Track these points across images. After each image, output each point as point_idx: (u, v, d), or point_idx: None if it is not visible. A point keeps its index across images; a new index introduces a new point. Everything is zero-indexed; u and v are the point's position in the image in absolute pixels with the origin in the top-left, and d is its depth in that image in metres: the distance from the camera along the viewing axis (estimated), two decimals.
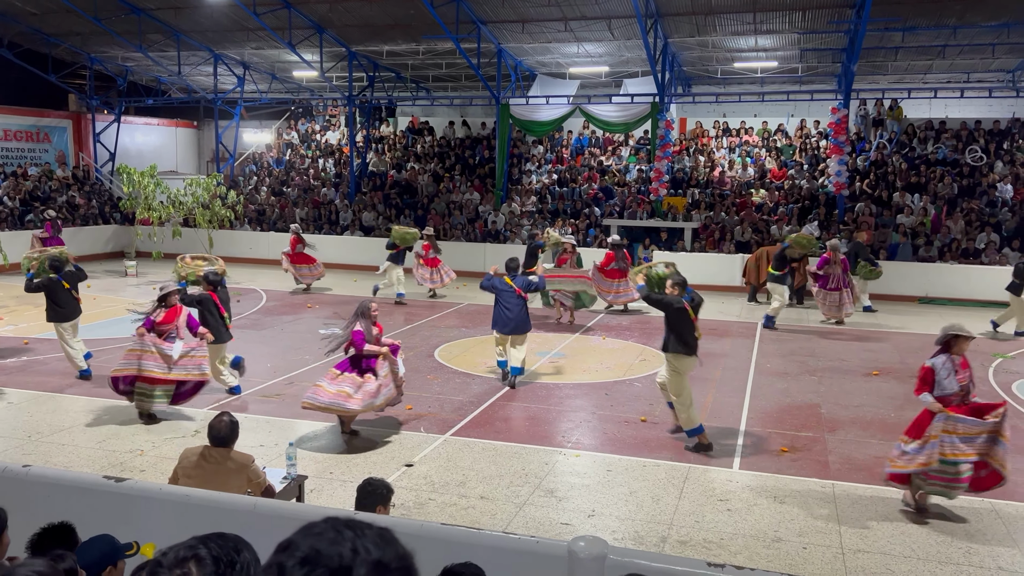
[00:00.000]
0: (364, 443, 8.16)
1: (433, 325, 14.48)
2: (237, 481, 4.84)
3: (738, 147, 24.19)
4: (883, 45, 20.34)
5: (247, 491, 4.85)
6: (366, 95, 26.40)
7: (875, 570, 5.70)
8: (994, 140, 21.96)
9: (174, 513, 4.18)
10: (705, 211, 21.26)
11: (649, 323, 15.30)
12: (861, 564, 5.78)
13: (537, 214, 22.44)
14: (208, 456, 4.92)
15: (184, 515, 4.16)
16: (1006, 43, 19.72)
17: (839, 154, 19.99)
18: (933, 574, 5.65)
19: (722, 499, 6.91)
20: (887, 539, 6.17)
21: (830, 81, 23.09)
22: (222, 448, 4.94)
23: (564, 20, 19.98)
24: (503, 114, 22.85)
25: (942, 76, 23.22)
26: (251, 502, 4.38)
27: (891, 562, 5.81)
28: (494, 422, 8.91)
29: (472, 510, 6.58)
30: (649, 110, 21.54)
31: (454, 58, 23.75)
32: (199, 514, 4.10)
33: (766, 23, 19.30)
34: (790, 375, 11.28)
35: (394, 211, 23.63)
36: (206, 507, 4.20)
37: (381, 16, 21.02)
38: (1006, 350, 13.09)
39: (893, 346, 13.36)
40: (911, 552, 5.97)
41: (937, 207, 19.91)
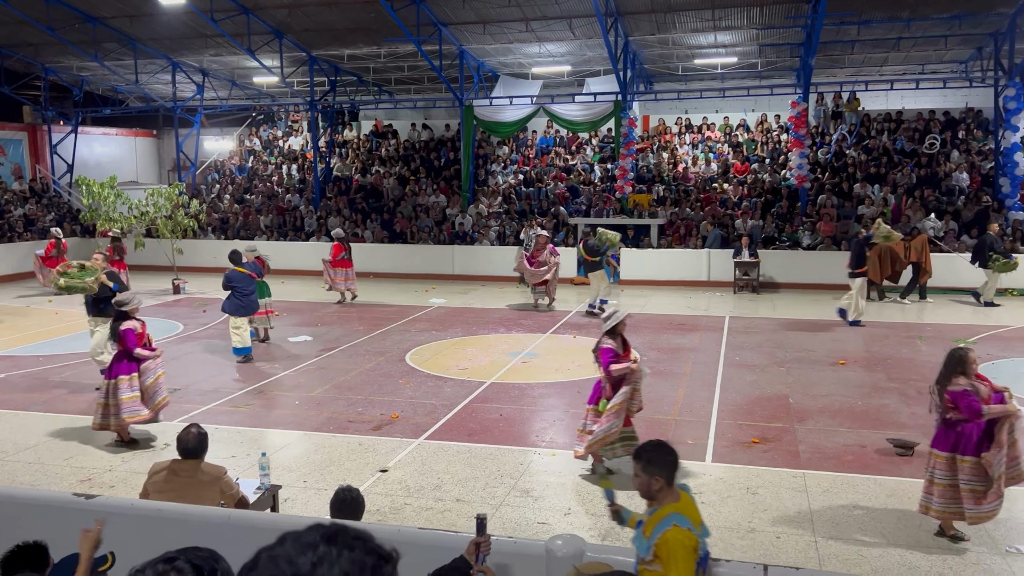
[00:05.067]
0: (339, 451, 8.11)
1: (404, 329, 14.43)
2: (209, 493, 4.79)
3: (701, 143, 24.43)
4: (839, 39, 20.67)
5: (220, 503, 4.81)
6: (328, 99, 26.23)
7: (847, 557, 5.80)
8: (949, 130, 22.42)
9: (147, 528, 4.13)
10: (670, 207, 21.44)
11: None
12: (834, 552, 5.87)
13: (504, 215, 22.46)
14: (178, 469, 4.86)
15: (157, 530, 4.12)
16: (958, 34, 20.15)
17: (800, 147, 20.27)
18: (903, 558, 5.75)
19: (696, 492, 6.93)
20: (858, 526, 6.28)
21: (789, 75, 23.40)
22: (192, 460, 4.88)
23: (525, 20, 20.03)
24: (467, 116, 22.84)
25: (898, 68, 23.64)
26: (225, 514, 4.35)
27: (863, 549, 5.91)
28: (468, 424, 8.91)
29: (449, 513, 6.57)
30: (612, 108, 21.68)
31: (416, 60, 23.69)
32: (172, 528, 4.06)
33: (725, 19, 19.51)
34: (759, 367, 11.41)
35: (360, 216, 23.51)
36: (179, 521, 4.17)
37: (341, 20, 20.90)
38: (968, 335, 13.37)
39: (858, 335, 13.58)
40: (881, 538, 6.07)
41: (897, 197, 20.28)
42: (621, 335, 7.38)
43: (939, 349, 12.29)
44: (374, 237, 22.71)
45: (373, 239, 22.68)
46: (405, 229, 22.67)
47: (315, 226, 23.49)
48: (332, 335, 13.84)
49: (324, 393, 10.23)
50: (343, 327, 14.63)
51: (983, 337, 13.26)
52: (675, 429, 8.72)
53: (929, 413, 6.25)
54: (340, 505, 4.36)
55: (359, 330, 14.27)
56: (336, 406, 9.63)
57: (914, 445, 7.86)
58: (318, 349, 12.74)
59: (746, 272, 18.53)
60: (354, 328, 14.48)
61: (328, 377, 10.99)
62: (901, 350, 12.39)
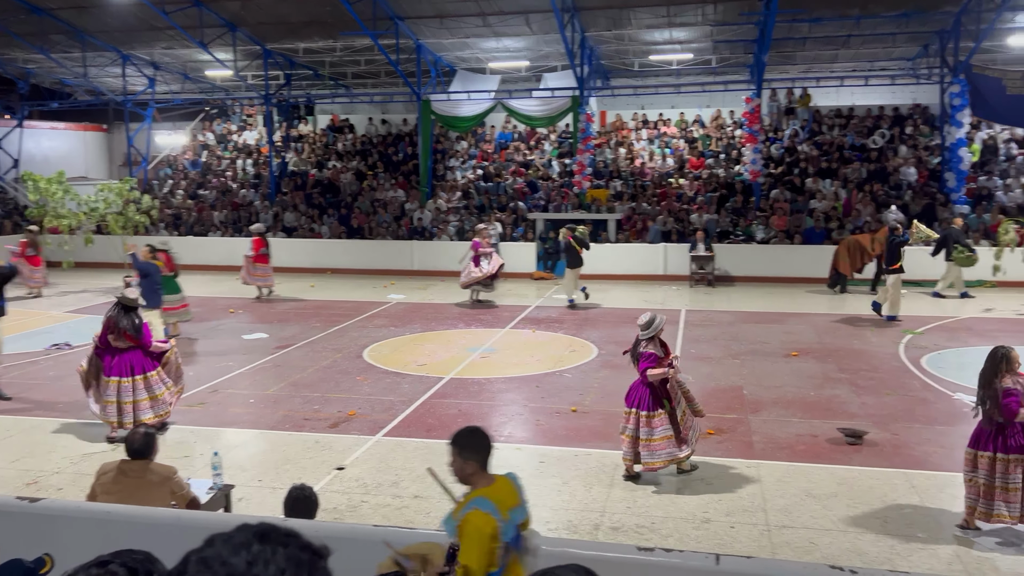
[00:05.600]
0: (294, 449, 8.03)
1: (361, 325, 14.33)
2: (160, 494, 4.71)
3: (657, 138, 24.64)
4: (791, 36, 20.98)
5: (171, 504, 4.73)
6: (283, 93, 25.89)
7: (799, 544, 5.91)
8: (897, 126, 22.93)
9: (94, 531, 4.05)
10: (628, 202, 21.59)
11: (578, 315, 15.49)
12: (786, 539, 5.99)
13: (463, 210, 22.42)
14: (127, 470, 4.77)
15: (105, 533, 4.03)
16: (905, 32, 20.60)
17: (753, 143, 20.56)
18: (853, 544, 5.88)
19: (652, 484, 7.05)
20: (810, 514, 6.40)
21: (743, 72, 23.70)
22: (141, 461, 4.79)
23: (482, 15, 19.99)
24: (424, 110, 22.73)
25: (848, 65, 24.08)
26: (175, 515, 4.28)
27: (814, 536, 6.03)
28: (426, 420, 8.89)
29: (406, 510, 6.55)
30: (570, 104, 21.74)
31: (373, 55, 23.49)
32: (121, 531, 3.97)
33: (680, 16, 19.69)
34: (714, 359, 11.57)
35: (317, 211, 23.27)
36: (128, 523, 4.08)
37: (296, 13, 20.63)
38: (916, 326, 13.70)
39: (811, 327, 13.84)
40: (832, 525, 6.20)
41: (847, 191, 20.68)
42: (659, 338, 7.34)
43: (888, 340, 12.63)
44: (331, 233, 22.51)
45: (330, 235, 22.48)
46: (363, 224, 22.51)
47: (270, 221, 23.19)
48: (288, 332, 13.69)
49: (280, 391, 10.12)
50: (299, 324, 14.48)
51: (931, 328, 13.61)
52: None
53: (972, 413, 6.22)
54: (293, 504, 4.32)
55: (316, 327, 14.14)
56: (292, 404, 9.54)
57: (863, 434, 8.04)
58: (273, 346, 12.60)
59: (702, 266, 18.76)
60: (311, 325, 14.34)
61: (284, 375, 10.88)
62: (852, 342, 12.65)
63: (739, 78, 23.41)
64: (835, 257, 17.43)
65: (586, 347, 12.46)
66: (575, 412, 9.12)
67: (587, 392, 9.95)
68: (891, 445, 7.94)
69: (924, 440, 8.09)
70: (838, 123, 23.52)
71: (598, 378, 10.63)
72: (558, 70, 23.61)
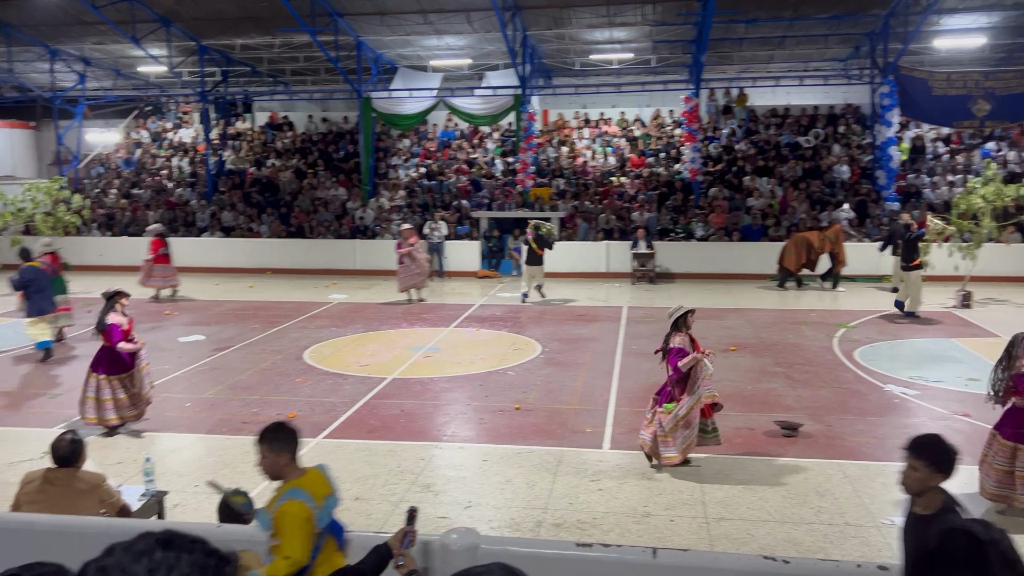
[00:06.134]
0: (233, 453, 7.88)
1: (302, 326, 14.13)
2: (88, 503, 4.56)
3: (598, 137, 24.85)
4: (728, 36, 21.37)
5: (100, 512, 4.59)
6: (220, 90, 25.37)
7: (737, 536, 6.02)
8: (831, 125, 23.55)
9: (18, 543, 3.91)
10: (571, 200, 21.73)
11: (521, 312, 15.53)
12: (724, 531, 6.09)
13: (407, 208, 22.28)
14: (53, 479, 4.61)
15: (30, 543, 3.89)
16: (837, 34, 21.18)
17: (692, 141, 20.89)
18: (788, 535, 6.02)
19: (594, 479, 7.11)
20: (747, 506, 6.53)
21: (682, 72, 24.05)
22: (68, 469, 4.64)
23: (423, 12, 19.88)
24: (365, 108, 22.52)
25: (783, 66, 24.63)
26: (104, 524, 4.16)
27: (751, 527, 6.15)
28: (367, 421, 8.81)
29: (347, 512, 6.44)
30: (512, 102, 21.78)
31: (312, 51, 23.17)
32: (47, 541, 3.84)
33: (619, 16, 19.88)
34: (655, 355, 11.68)
35: (255, 210, 22.87)
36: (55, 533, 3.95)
37: (232, 9, 20.22)
38: (849, 319, 14.09)
39: (748, 322, 14.12)
40: (768, 516, 6.33)
41: (783, 189, 21.16)
42: (688, 331, 7.36)
43: (822, 334, 12.96)
44: (270, 232, 22.15)
45: (270, 234, 22.12)
46: (303, 223, 22.20)
47: (208, 221, 22.71)
48: (226, 334, 13.42)
49: (217, 394, 9.92)
50: (238, 326, 14.21)
51: (863, 322, 14.01)
52: (574, 418, 8.86)
53: (987, 400, 6.32)
54: (228, 509, 4.23)
55: (255, 328, 13.89)
56: (230, 407, 9.35)
57: (799, 426, 8.23)
58: (211, 349, 12.34)
59: (643, 263, 18.99)
60: (250, 326, 14.08)
61: (221, 377, 10.66)
62: (787, 336, 12.95)
63: (678, 78, 23.75)
64: (782, 253, 17.80)
65: (530, 345, 12.50)
66: (518, 410, 9.14)
67: (530, 390, 9.98)
68: (825, 436, 8.15)
69: (857, 431, 8.32)
70: (774, 122, 24.05)
71: (541, 375, 10.68)
72: (500, 69, 23.63)
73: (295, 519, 3.37)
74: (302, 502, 3.42)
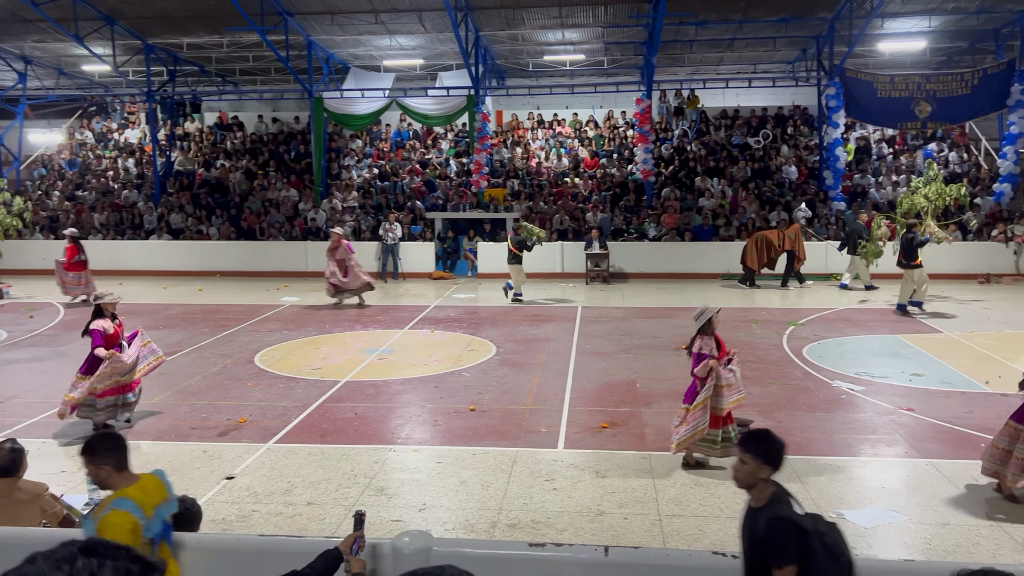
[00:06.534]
0: (181, 459, 7.73)
1: (253, 329, 13.92)
2: (28, 513, 4.43)
3: (552, 138, 24.95)
4: (679, 38, 21.65)
5: (42, 523, 4.46)
6: (167, 90, 24.88)
7: (689, 532, 6.09)
8: (779, 126, 23.99)
9: None
10: (525, 201, 21.78)
11: (477, 313, 15.52)
12: (677, 528, 6.15)
13: (360, 209, 22.10)
14: None
15: None
16: (785, 36, 21.59)
17: (644, 143, 21.10)
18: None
19: (548, 479, 7.13)
20: (699, 502, 6.60)
21: (634, 73, 24.29)
22: (7, 479, 4.50)
23: (374, 12, 19.75)
24: (317, 108, 22.29)
25: (732, 67, 25.04)
26: (46, 534, 4.04)
27: (703, 523, 6.22)
28: (320, 425, 8.70)
29: (299, 517, 6.40)
30: (465, 103, 21.76)
31: (262, 51, 22.87)
32: None
33: (571, 17, 20.00)
34: (608, 354, 11.80)
35: (204, 212, 22.48)
36: None
37: (179, 7, 19.85)
38: (798, 317, 14.36)
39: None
40: (720, 512, 6.42)
41: (734, 189, 21.48)
42: (714, 333, 7.32)
43: (772, 332, 13.19)
44: (220, 234, 21.79)
45: (219, 236, 21.76)
46: (254, 225, 21.88)
47: (155, 223, 22.26)
48: (174, 338, 13.16)
49: (165, 400, 9.71)
50: (186, 329, 13.94)
51: (810, 319, 14.28)
52: (529, 418, 8.87)
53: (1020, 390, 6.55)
54: (173, 517, 4.14)
55: (204, 332, 13.65)
56: (178, 413, 9.17)
57: (749, 423, 8.34)
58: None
59: (597, 263, 19.12)
60: (198, 330, 13.83)
61: (169, 383, 10.44)
62: (738, 334, 13.13)
63: (630, 79, 23.98)
64: (744, 253, 18.07)
65: (485, 346, 12.49)
66: (473, 411, 9.12)
67: (485, 391, 9.97)
68: (775, 432, 8.26)
69: (805, 427, 8.47)
70: (724, 123, 24.41)
71: (496, 376, 10.68)
72: (453, 69, 23.61)
73: (117, 529, 3.33)
74: (127, 512, 3.39)
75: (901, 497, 6.70)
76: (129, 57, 23.36)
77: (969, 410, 8.94)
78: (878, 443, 8.02)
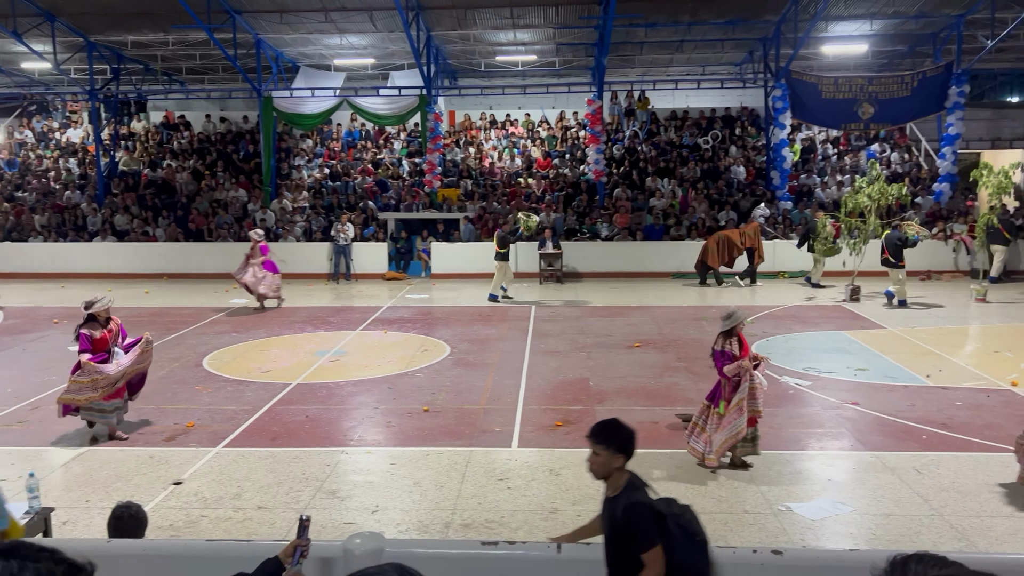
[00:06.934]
0: (127, 466, 7.55)
1: (201, 332, 13.66)
2: None
3: (505, 138, 24.97)
4: (629, 40, 21.84)
5: None
6: (111, 88, 24.27)
7: None
8: (727, 127, 24.36)
9: None
10: (479, 201, 21.76)
11: (430, 314, 15.46)
12: None
13: (311, 210, 21.85)
14: None
15: None
16: (733, 39, 21.93)
17: (596, 143, 21.24)
18: None
19: (502, 478, 7.13)
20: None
21: (585, 74, 24.44)
22: None
23: (324, 11, 19.54)
24: (266, 107, 21.98)
25: (682, 69, 25.36)
26: None
27: None
28: (271, 428, 8.58)
29: (249, 522, 6.30)
30: (418, 103, 21.66)
31: (209, 49, 22.46)
32: None
33: (523, 18, 20.04)
34: (562, 353, 11.85)
35: (151, 213, 22.00)
36: None
37: (122, 3, 19.37)
38: (747, 315, 14.57)
39: (651, 319, 14.45)
40: None
41: (684, 189, 21.75)
42: (739, 335, 7.27)
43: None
44: (167, 235, 21.35)
45: (166, 237, 21.32)
46: (202, 226, 21.48)
47: (99, 225, 21.71)
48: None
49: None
50: (131, 334, 13.59)
51: (759, 316, 14.53)
52: (483, 417, 8.86)
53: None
54: (117, 523, 4.05)
55: (151, 335, 13.32)
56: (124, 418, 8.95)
57: (691, 416, 8.44)
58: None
59: (550, 263, 19.19)
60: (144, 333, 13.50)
61: None
62: (688, 331, 13.31)
63: (581, 80, 24.12)
64: (703, 252, 18.28)
65: (439, 346, 12.45)
66: (427, 412, 9.08)
67: (439, 391, 9.94)
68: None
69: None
70: (674, 124, 24.69)
71: (450, 376, 10.65)
72: (405, 69, 23.48)
73: None
74: None
75: (847, 489, 6.85)
76: (71, 55, 22.75)
77: (911, 403, 9.18)
78: (824, 436, 8.19)
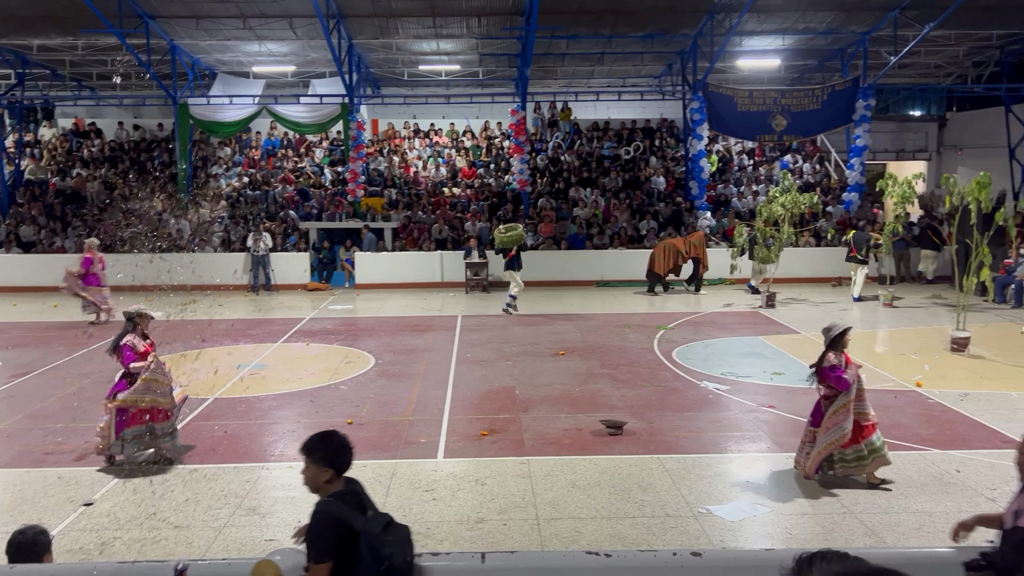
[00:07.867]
0: (33, 487, 7.20)
1: None
2: None
3: (430, 147, 24.91)
4: (552, 52, 22.10)
5: None
6: (15, 94, 23.24)
7: (567, 535, 6.19)
8: (648, 138, 24.87)
9: None
10: (403, 211, 21.62)
11: (355, 325, 15.27)
12: (555, 531, 6.25)
13: (229, 220, 21.33)
14: None
15: None
16: (651, 52, 22.42)
17: (520, 153, 21.40)
18: (614, 529, 6.26)
19: (428, 489, 7.09)
20: (575, 505, 6.73)
21: (508, 85, 24.60)
22: None
23: (242, 17, 19.16)
24: (182, 114, 21.39)
25: (603, 81, 25.78)
26: None
27: (580, 525, 6.35)
28: (188, 444, 8.32)
29: (165, 542, 6.09)
30: (339, 111, 21.41)
31: (121, 54, 21.72)
32: None
33: (446, 28, 20.06)
34: (488, 362, 11.87)
35: (60, 223, 21.12)
36: None
37: (25, 6, 18.59)
38: (668, 321, 14.89)
39: (576, 327, 14.60)
40: (596, 513, 6.56)
41: (606, 199, 22.08)
42: (843, 350, 7.10)
43: (644, 336, 13.62)
44: (76, 247, 20.49)
45: (75, 249, 20.46)
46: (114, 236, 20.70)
47: (3, 236, 20.73)
48: (26, 358, 12.29)
49: (15, 424, 9.05)
50: (39, 348, 13.05)
51: (680, 323, 14.85)
52: (409, 429, 8.80)
53: None
54: (15, 549, 3.86)
55: (59, 351, 12.82)
56: (30, 437, 8.56)
57: (623, 424, 8.59)
58: (8, 375, 11.25)
59: (476, 272, 19.20)
60: (53, 349, 12.97)
61: (20, 406, 9.74)
62: (612, 339, 13.51)
63: (505, 91, 24.28)
64: (651, 260, 18.52)
65: (363, 357, 12.31)
66: (351, 424, 8.96)
67: (363, 403, 9.82)
68: (647, 433, 8.56)
69: (675, 427, 8.79)
70: (596, 135, 25.07)
71: (375, 388, 10.53)
72: (327, 76, 23.20)
73: None
74: None
75: (765, 490, 7.05)
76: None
77: None
78: (743, 439, 8.42)
